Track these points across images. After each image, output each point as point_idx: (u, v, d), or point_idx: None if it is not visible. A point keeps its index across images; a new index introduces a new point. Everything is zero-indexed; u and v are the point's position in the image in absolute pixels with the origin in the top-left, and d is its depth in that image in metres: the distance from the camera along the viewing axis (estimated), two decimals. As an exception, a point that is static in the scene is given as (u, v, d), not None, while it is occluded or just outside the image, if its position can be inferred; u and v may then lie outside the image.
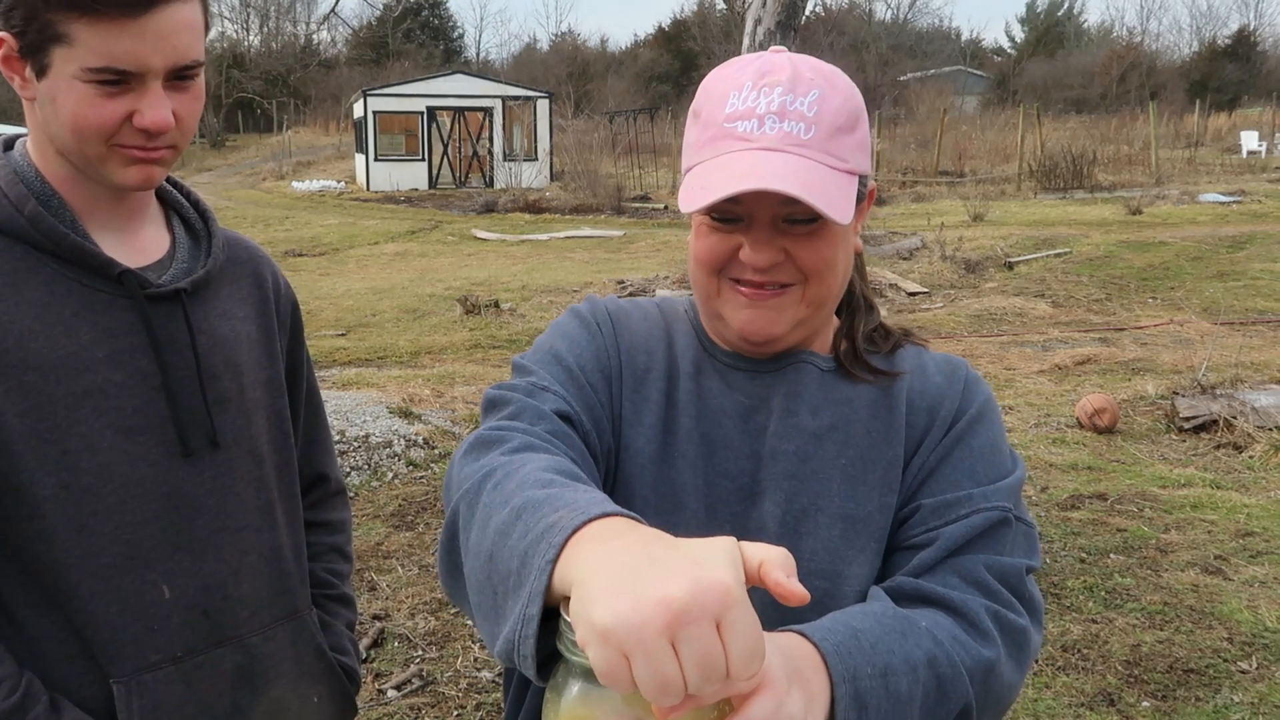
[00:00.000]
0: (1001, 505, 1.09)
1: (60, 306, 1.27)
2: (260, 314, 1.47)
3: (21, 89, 1.26)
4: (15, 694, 1.22)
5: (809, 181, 1.01)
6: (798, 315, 1.11)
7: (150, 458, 1.31)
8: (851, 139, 1.07)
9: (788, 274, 1.09)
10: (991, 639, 1.01)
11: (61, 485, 1.26)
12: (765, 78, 1.06)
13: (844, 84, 1.09)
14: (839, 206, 1.02)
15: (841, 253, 1.10)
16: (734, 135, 1.05)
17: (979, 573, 1.05)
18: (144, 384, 1.31)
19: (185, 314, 1.35)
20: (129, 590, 1.30)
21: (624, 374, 1.17)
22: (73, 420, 1.26)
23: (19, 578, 1.27)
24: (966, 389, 1.17)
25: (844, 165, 1.06)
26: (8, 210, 1.27)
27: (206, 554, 1.36)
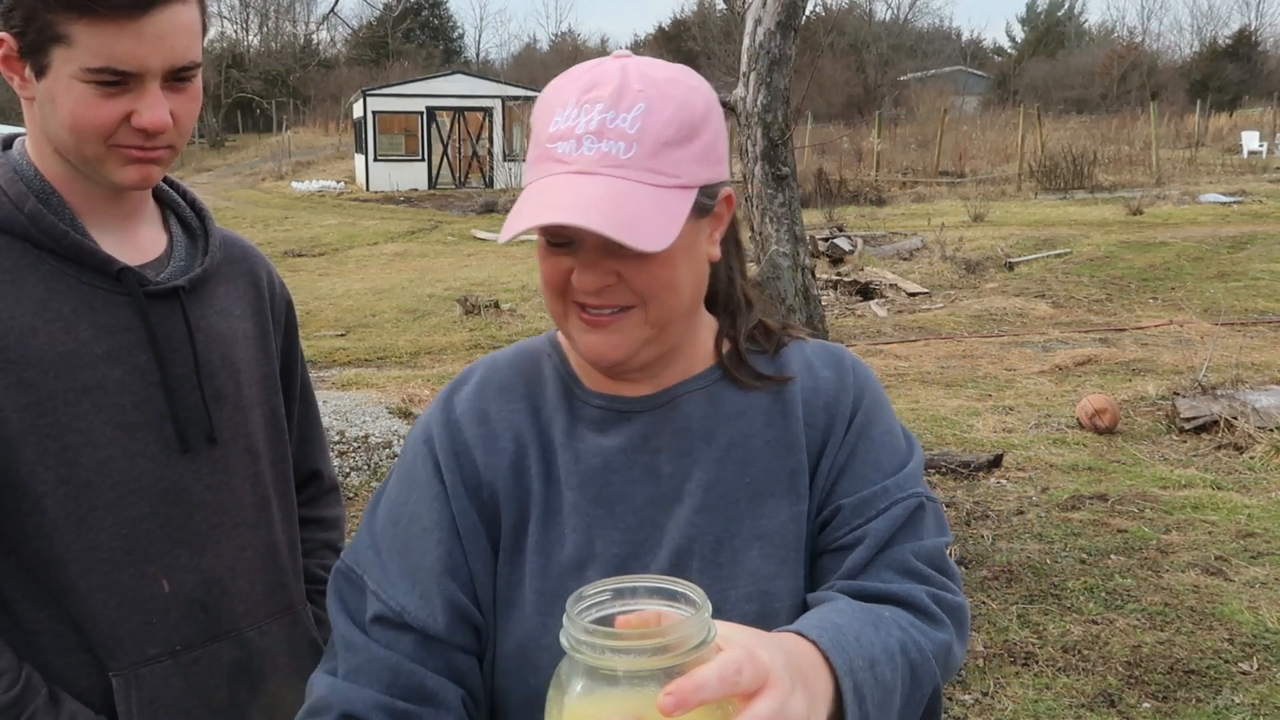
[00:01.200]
0: (915, 492, 1.11)
1: (59, 303, 1.29)
2: (256, 312, 1.49)
3: (21, 89, 1.27)
4: (15, 687, 1.23)
5: (618, 207, 0.96)
6: (642, 336, 1.06)
7: (149, 453, 1.32)
8: (685, 151, 1.01)
9: (623, 296, 1.04)
10: (941, 621, 1.05)
11: (61, 480, 1.27)
12: (589, 93, 1.01)
13: (679, 92, 1.03)
14: (652, 231, 0.96)
15: (683, 270, 1.05)
16: (553, 157, 1.01)
17: (910, 562, 1.07)
18: (142, 380, 1.32)
19: (183, 311, 1.36)
20: (128, 584, 1.31)
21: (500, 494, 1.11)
22: (72, 416, 1.27)
23: (18, 572, 1.28)
24: (856, 380, 1.16)
25: (673, 181, 1.00)
26: (7, 208, 1.28)
27: (205, 549, 1.37)
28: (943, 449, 6.15)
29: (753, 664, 0.75)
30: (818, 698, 0.84)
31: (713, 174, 1.05)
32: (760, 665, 0.75)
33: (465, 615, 1.07)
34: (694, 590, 0.77)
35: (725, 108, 4.72)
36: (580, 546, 1.08)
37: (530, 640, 1.06)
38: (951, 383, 7.99)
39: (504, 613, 1.09)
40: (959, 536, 4.83)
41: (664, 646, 0.72)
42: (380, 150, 29.48)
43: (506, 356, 1.21)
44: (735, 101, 4.57)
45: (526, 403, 1.15)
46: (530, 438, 1.13)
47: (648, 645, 0.72)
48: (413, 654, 1.05)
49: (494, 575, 1.10)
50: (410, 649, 1.05)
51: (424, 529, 1.09)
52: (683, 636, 0.73)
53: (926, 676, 1.00)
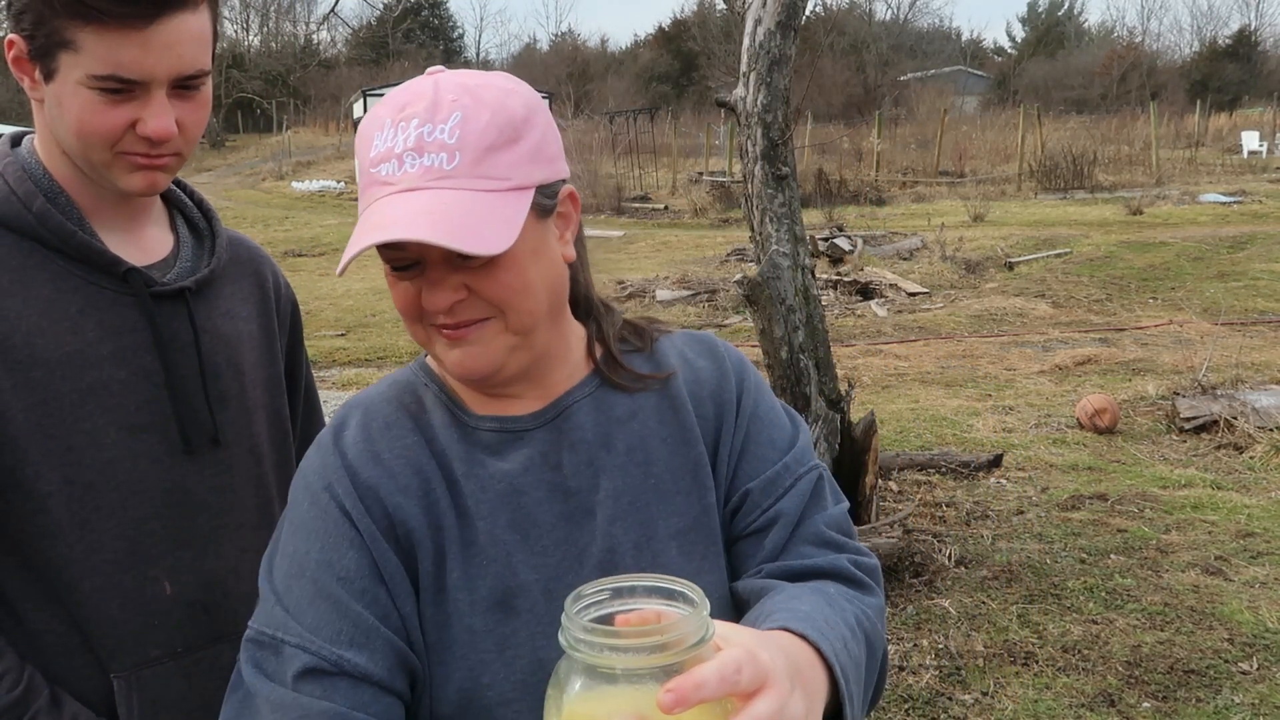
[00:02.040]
0: (812, 464, 1.14)
1: (66, 303, 1.28)
2: (261, 313, 1.49)
3: (31, 90, 1.27)
4: (18, 688, 1.23)
5: (444, 218, 0.94)
6: (505, 344, 1.04)
7: (153, 455, 1.32)
8: (510, 154, 0.99)
9: (476, 309, 1.01)
10: (869, 585, 1.09)
11: (65, 481, 1.27)
12: (403, 111, 0.99)
13: (493, 97, 1.00)
14: (488, 235, 0.95)
15: (534, 273, 1.02)
16: (379, 180, 0.98)
17: (824, 533, 1.11)
18: (147, 382, 1.32)
19: (189, 313, 1.36)
20: (130, 586, 1.31)
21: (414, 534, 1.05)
22: (77, 416, 1.27)
23: (21, 572, 1.28)
24: (733, 364, 1.18)
25: (503, 185, 0.98)
26: (16, 207, 1.28)
27: (207, 551, 1.37)
28: (943, 449, 6.15)
29: (753, 664, 0.75)
30: (815, 695, 0.85)
31: (547, 173, 1.03)
32: (760, 665, 0.76)
33: (404, 661, 1.02)
34: (692, 589, 0.77)
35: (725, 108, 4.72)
36: (504, 577, 1.04)
37: (470, 681, 1.02)
38: (951, 383, 7.99)
39: (436, 657, 1.03)
40: (959, 536, 4.84)
41: (662, 645, 0.72)
42: (380, 150, 29.48)
43: (380, 393, 1.14)
44: (735, 101, 4.57)
45: (417, 435, 1.09)
46: (431, 470, 1.07)
47: (646, 643, 0.72)
48: (352, 701, 0.98)
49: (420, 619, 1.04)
50: (347, 696, 0.98)
51: (342, 578, 1.02)
52: (681, 635, 0.73)
53: (878, 642, 1.05)
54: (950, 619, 4.04)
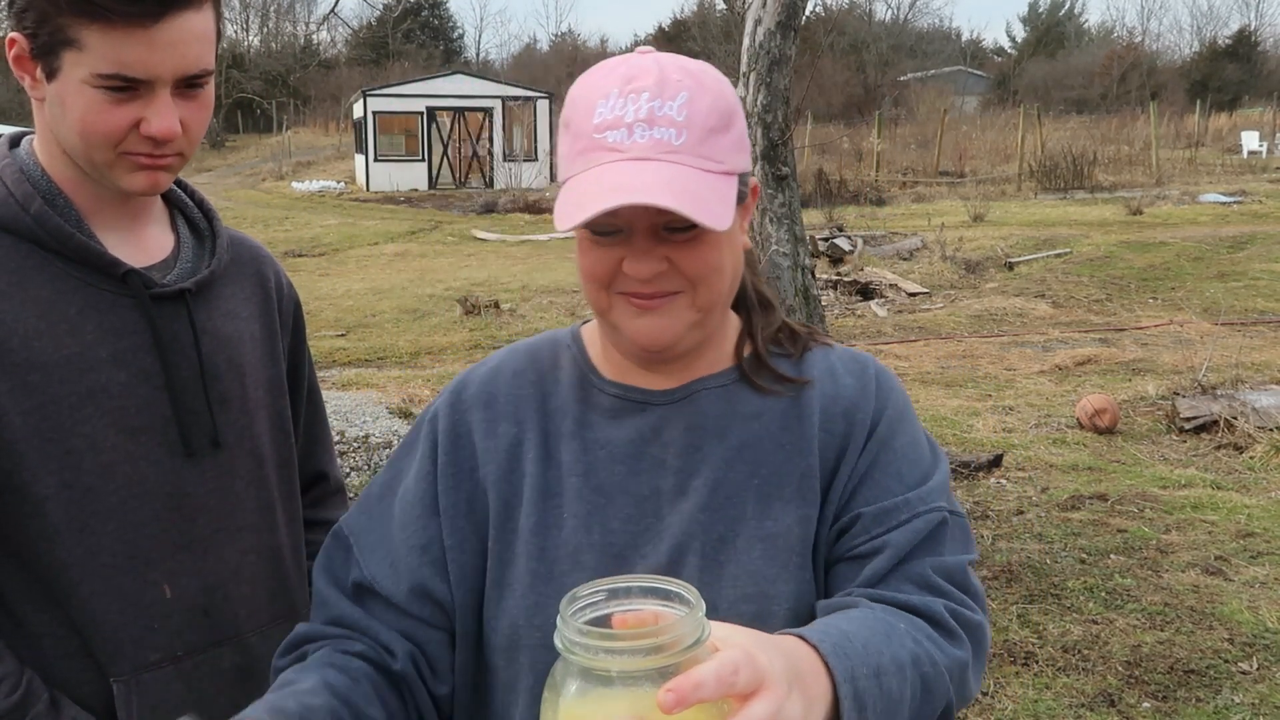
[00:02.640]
0: (937, 506, 1.10)
1: (65, 305, 1.27)
2: (263, 314, 1.47)
3: (32, 89, 1.26)
4: (16, 692, 1.22)
5: (682, 190, 0.98)
6: (689, 320, 1.08)
7: (152, 457, 1.31)
8: (726, 139, 1.05)
9: (673, 282, 1.05)
10: (960, 638, 1.04)
11: (63, 485, 1.26)
12: (631, 83, 1.03)
13: (713, 82, 1.06)
14: (714, 212, 1.00)
15: (728, 255, 1.07)
16: (604, 146, 1.02)
17: (929, 576, 1.06)
18: (146, 384, 1.31)
19: (189, 314, 1.35)
20: (130, 589, 1.30)
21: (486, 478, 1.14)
22: (76, 420, 1.26)
23: (20, 575, 1.27)
24: (880, 389, 1.15)
25: (720, 167, 1.03)
26: (13, 209, 1.27)
27: (207, 554, 1.36)
28: (943, 449, 6.15)
29: (750, 666, 0.75)
30: (815, 702, 0.84)
31: (746, 163, 1.08)
32: (758, 667, 0.76)
33: (427, 591, 1.12)
34: (688, 590, 0.77)
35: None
36: (578, 532, 1.09)
37: (522, 620, 1.09)
38: (951, 383, 7.99)
39: (496, 591, 1.11)
40: (959, 536, 4.84)
41: (658, 646, 0.72)
42: (380, 150, 29.48)
43: (527, 344, 1.24)
44: (735, 101, 4.57)
45: (536, 389, 1.17)
46: (532, 423, 1.15)
47: (642, 645, 0.72)
48: (377, 615, 1.12)
49: (479, 554, 1.13)
50: (377, 611, 1.12)
51: (409, 503, 1.15)
52: (677, 636, 0.72)
53: (939, 691, 0.99)
54: (950, 619, 4.04)
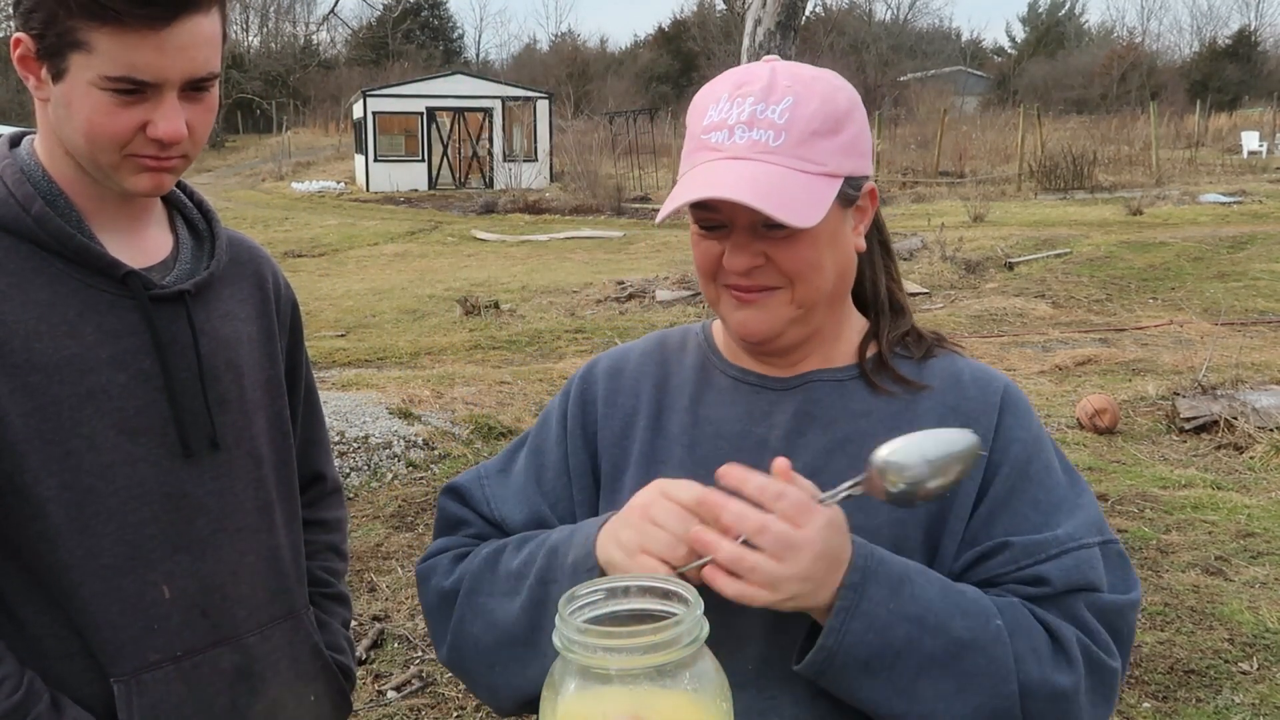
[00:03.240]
0: (1086, 541, 1.10)
1: (65, 307, 1.27)
2: (261, 314, 1.48)
3: (36, 89, 1.26)
4: (17, 693, 1.22)
5: (767, 187, 1.03)
6: (788, 315, 1.12)
7: (151, 459, 1.31)
8: (830, 142, 1.08)
9: (770, 277, 1.10)
10: (1073, 667, 1.05)
11: (64, 486, 1.26)
12: (741, 88, 1.09)
13: (824, 89, 1.10)
14: (800, 210, 1.04)
15: (828, 254, 1.11)
16: (708, 146, 1.08)
17: (1079, 610, 1.08)
18: (146, 385, 1.31)
19: (189, 315, 1.35)
20: (130, 590, 1.30)
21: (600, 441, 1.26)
22: (76, 421, 1.26)
23: (20, 576, 1.27)
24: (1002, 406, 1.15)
25: (819, 169, 1.07)
26: (14, 210, 1.27)
27: (206, 554, 1.36)
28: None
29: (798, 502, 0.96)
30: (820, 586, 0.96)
31: (856, 166, 1.12)
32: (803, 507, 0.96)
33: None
34: (686, 589, 0.77)
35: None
36: None
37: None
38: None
39: None
40: (959, 536, 4.83)
41: (656, 645, 0.72)
42: (380, 151, 29.48)
43: (661, 331, 1.35)
44: (734, 101, 4.57)
45: (660, 367, 1.27)
46: (649, 397, 1.25)
47: (640, 644, 0.72)
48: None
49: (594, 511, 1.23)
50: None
51: (545, 464, 1.28)
52: (675, 635, 0.73)
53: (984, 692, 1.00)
54: (950, 619, 4.04)
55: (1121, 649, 1.10)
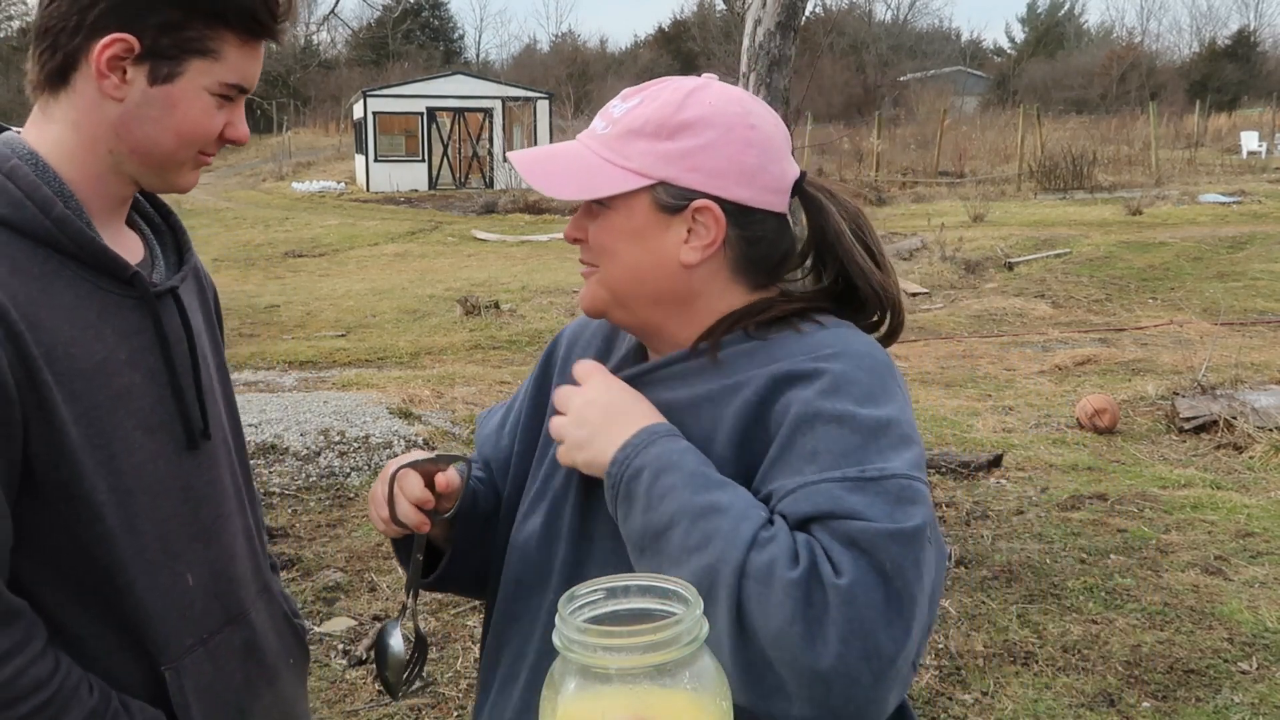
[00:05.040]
0: (828, 476, 1.02)
1: (86, 310, 1.28)
2: (203, 304, 1.52)
3: (115, 87, 1.26)
4: (92, 696, 1.26)
5: (551, 163, 1.18)
6: (602, 296, 1.21)
7: (166, 454, 1.35)
8: (651, 144, 1.14)
9: (588, 254, 1.21)
10: (789, 560, 0.97)
11: (111, 489, 1.28)
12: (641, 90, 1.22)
13: (675, 98, 1.16)
14: (563, 182, 1.16)
15: (628, 249, 1.17)
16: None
17: (815, 533, 1.00)
18: (154, 382, 1.34)
19: (181, 312, 1.38)
20: (165, 581, 1.35)
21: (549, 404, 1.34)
22: (112, 424, 1.29)
23: (59, 583, 1.29)
24: (796, 380, 1.10)
25: (625, 163, 1.15)
26: (32, 213, 1.25)
27: (212, 541, 1.42)
28: (943, 449, 6.15)
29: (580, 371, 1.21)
30: (596, 434, 1.13)
31: (681, 177, 1.15)
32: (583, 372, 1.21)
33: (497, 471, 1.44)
34: (685, 588, 0.78)
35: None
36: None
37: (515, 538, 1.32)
38: (951, 383, 7.99)
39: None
40: (959, 536, 4.84)
41: (656, 644, 0.72)
42: (380, 151, 29.48)
43: None
44: (734, 102, 4.56)
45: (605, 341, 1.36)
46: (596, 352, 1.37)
47: (639, 643, 0.72)
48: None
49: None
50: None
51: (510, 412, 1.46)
52: (675, 634, 0.73)
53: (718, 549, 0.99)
54: (950, 619, 4.04)
55: (882, 575, 0.97)
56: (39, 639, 1.24)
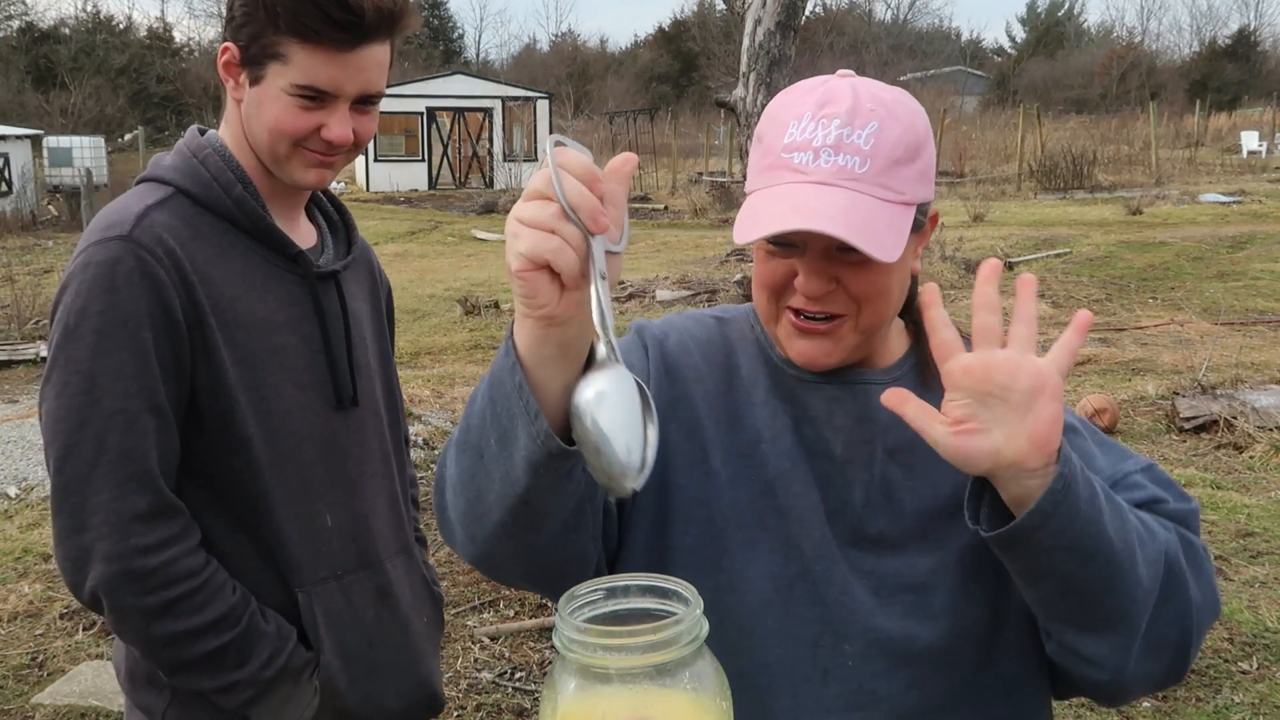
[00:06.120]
0: (1136, 467, 1.17)
1: (254, 276, 1.53)
2: (372, 296, 1.76)
3: (233, 91, 1.53)
4: (235, 594, 1.49)
5: (857, 219, 1.02)
6: (852, 343, 1.12)
7: (314, 409, 1.58)
8: (909, 170, 1.07)
9: (839, 303, 1.09)
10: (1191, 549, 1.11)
11: (259, 426, 1.52)
12: (825, 108, 1.07)
13: (905, 113, 1.09)
14: (886, 243, 1.03)
15: (895, 280, 1.11)
16: (790, 166, 1.06)
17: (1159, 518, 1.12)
18: (308, 347, 1.58)
19: (340, 292, 1.63)
20: (304, 517, 1.57)
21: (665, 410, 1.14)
22: (266, 372, 1.53)
23: (212, 504, 1.52)
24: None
25: (899, 197, 1.06)
26: (217, 192, 1.52)
27: (354, 492, 1.64)
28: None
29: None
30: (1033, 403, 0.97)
31: (927, 193, 1.11)
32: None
33: None
34: (686, 588, 0.78)
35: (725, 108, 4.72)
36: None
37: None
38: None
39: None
40: (958, 536, 4.83)
41: (656, 644, 0.72)
42: (380, 151, 29.47)
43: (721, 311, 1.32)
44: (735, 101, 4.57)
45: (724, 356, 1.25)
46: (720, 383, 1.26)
47: (640, 643, 0.72)
48: None
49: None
50: None
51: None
52: (675, 634, 0.73)
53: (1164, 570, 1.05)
54: (950, 619, 4.04)
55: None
56: (193, 537, 1.47)
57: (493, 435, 0.94)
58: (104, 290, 1.42)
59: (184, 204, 1.51)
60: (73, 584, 1.45)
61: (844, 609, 1.08)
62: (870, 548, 1.11)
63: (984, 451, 0.96)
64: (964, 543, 1.11)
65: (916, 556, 1.11)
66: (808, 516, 1.12)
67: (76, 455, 1.41)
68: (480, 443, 0.96)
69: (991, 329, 1.04)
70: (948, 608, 1.10)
